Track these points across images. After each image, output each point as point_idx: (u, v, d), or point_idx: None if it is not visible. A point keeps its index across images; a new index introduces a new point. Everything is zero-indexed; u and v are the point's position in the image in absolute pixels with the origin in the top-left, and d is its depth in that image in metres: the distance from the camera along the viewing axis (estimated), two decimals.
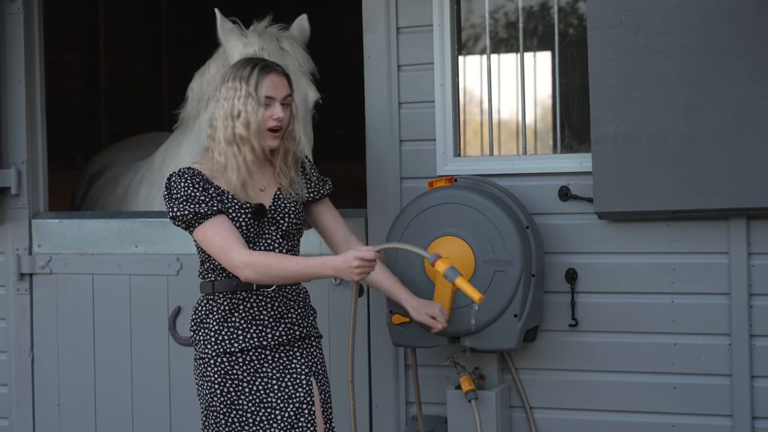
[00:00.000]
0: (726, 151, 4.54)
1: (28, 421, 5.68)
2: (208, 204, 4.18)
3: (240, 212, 4.22)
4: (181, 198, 4.20)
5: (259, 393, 4.22)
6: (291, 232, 4.35)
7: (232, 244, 4.16)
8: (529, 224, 4.73)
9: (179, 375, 5.39)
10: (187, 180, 4.22)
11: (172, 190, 4.24)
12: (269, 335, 4.26)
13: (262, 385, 4.23)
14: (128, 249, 5.50)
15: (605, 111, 4.68)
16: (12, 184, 5.63)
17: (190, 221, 4.19)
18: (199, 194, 4.19)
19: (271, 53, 4.96)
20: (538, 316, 4.81)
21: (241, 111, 4.22)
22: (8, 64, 5.66)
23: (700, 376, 4.74)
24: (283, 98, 4.27)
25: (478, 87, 5.16)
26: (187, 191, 4.20)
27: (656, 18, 4.62)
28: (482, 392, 4.79)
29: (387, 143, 5.10)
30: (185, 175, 4.24)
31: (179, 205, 4.20)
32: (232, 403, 4.20)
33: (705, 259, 4.72)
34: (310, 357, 4.34)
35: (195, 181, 4.22)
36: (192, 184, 4.21)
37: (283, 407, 4.22)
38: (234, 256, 4.14)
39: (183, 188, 4.21)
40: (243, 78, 4.24)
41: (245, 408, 4.20)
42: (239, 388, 4.21)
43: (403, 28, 5.10)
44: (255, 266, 4.12)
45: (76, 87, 9.30)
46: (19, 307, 5.67)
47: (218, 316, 4.24)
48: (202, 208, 4.18)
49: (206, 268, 4.31)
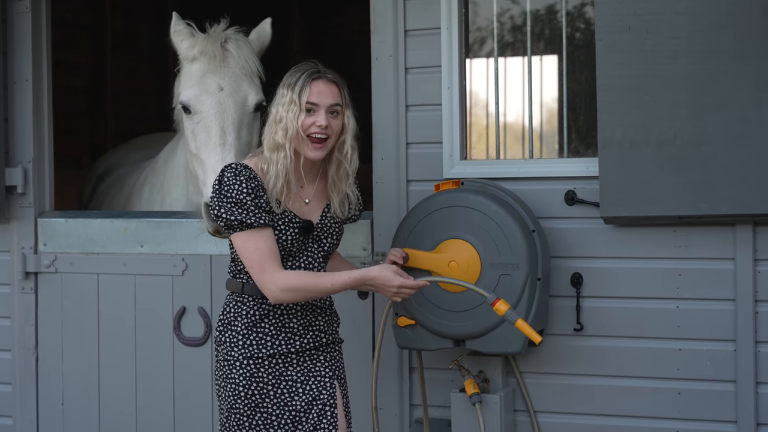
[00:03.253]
0: (733, 156, 4.54)
1: (32, 420, 5.68)
2: (256, 215, 4.11)
3: (288, 225, 4.20)
4: (231, 200, 4.12)
5: (283, 396, 4.23)
6: (330, 252, 4.37)
7: (271, 264, 4.12)
8: (536, 228, 4.73)
9: (183, 375, 5.40)
10: (242, 182, 4.13)
11: (223, 187, 4.15)
12: (297, 342, 4.27)
13: (286, 389, 4.24)
14: (134, 249, 5.50)
15: (612, 115, 4.68)
16: (18, 183, 5.63)
17: (234, 227, 4.14)
18: (250, 202, 4.11)
19: (215, 54, 4.96)
20: (544, 320, 4.80)
21: (283, 117, 4.19)
22: (15, 63, 5.66)
23: (704, 381, 4.73)
24: (330, 106, 4.22)
25: (485, 90, 5.16)
26: (239, 195, 4.12)
27: (664, 23, 4.61)
28: (486, 396, 4.78)
29: (393, 146, 5.10)
30: (241, 175, 4.14)
31: (228, 207, 4.12)
32: (256, 405, 4.21)
33: (711, 265, 4.71)
34: (333, 361, 4.36)
35: (249, 186, 4.13)
36: (246, 188, 4.12)
37: (307, 410, 4.24)
38: (269, 278, 4.11)
39: (236, 190, 4.12)
40: (290, 84, 4.22)
41: (270, 411, 4.21)
42: (264, 391, 4.21)
43: (411, 31, 5.10)
44: (292, 290, 4.10)
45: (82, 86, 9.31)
46: (24, 306, 5.67)
47: (247, 321, 4.23)
48: (249, 218, 4.10)
49: (239, 268, 4.27)
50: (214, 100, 4.88)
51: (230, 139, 4.80)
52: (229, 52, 4.98)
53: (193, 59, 5.00)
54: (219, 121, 4.84)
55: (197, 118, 4.88)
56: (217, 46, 4.98)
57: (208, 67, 4.95)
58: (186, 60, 5.05)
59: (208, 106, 4.87)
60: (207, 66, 4.95)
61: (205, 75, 4.94)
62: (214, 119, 4.85)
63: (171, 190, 5.55)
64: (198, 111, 4.88)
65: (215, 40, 5.00)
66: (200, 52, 4.98)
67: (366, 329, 5.12)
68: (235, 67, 4.96)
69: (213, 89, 4.90)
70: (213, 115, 4.86)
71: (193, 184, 5.20)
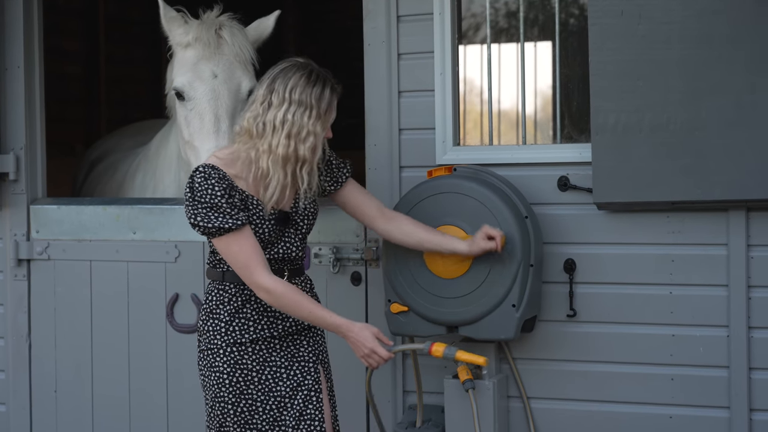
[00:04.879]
0: (726, 142, 4.53)
1: (25, 407, 5.68)
2: (233, 218, 4.08)
3: (263, 220, 4.19)
4: (206, 205, 4.07)
5: (268, 382, 4.23)
6: (308, 233, 4.37)
7: (256, 263, 4.10)
8: (528, 214, 4.72)
9: (177, 362, 5.39)
10: (213, 185, 4.08)
11: (195, 194, 4.09)
12: (279, 326, 4.26)
13: (271, 374, 4.24)
14: (126, 235, 5.49)
15: (605, 101, 4.67)
16: (10, 170, 5.62)
17: (213, 233, 4.11)
18: (225, 204, 4.08)
19: (209, 41, 4.95)
20: (537, 306, 4.80)
21: (310, 134, 4.11)
22: (7, 50, 5.64)
23: (697, 367, 4.73)
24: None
25: (479, 76, 5.15)
26: (213, 199, 4.07)
27: (657, 8, 4.60)
28: (480, 382, 4.78)
29: (386, 132, 5.09)
30: (211, 178, 4.09)
31: (204, 214, 4.08)
32: (241, 392, 4.21)
33: (704, 251, 4.71)
34: (316, 345, 4.37)
35: (221, 186, 4.09)
36: (218, 190, 4.08)
37: (292, 395, 4.24)
38: (257, 279, 4.09)
39: (209, 194, 4.08)
40: (314, 96, 4.13)
41: (254, 397, 4.21)
42: (248, 377, 4.21)
43: (404, 17, 5.08)
44: (274, 296, 4.10)
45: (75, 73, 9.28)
46: (17, 293, 5.66)
47: (230, 308, 4.22)
48: (227, 223, 4.07)
49: (218, 258, 4.26)
50: (208, 87, 4.87)
51: (224, 126, 4.80)
52: (224, 39, 4.98)
53: (187, 45, 5.00)
54: (213, 108, 4.84)
55: (191, 105, 4.87)
56: (211, 32, 4.97)
57: (203, 53, 4.94)
58: (179, 46, 5.04)
59: (201, 92, 4.87)
60: (201, 53, 4.95)
61: (199, 62, 4.93)
62: (208, 106, 4.84)
63: (164, 177, 5.55)
64: (192, 98, 4.88)
65: (210, 27, 4.99)
66: (194, 39, 4.97)
67: (359, 316, 5.11)
68: (229, 54, 4.96)
69: (207, 76, 4.89)
70: (207, 102, 4.85)
71: (185, 170, 5.19)
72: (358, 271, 5.13)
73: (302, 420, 4.24)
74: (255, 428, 4.22)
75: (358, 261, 5.11)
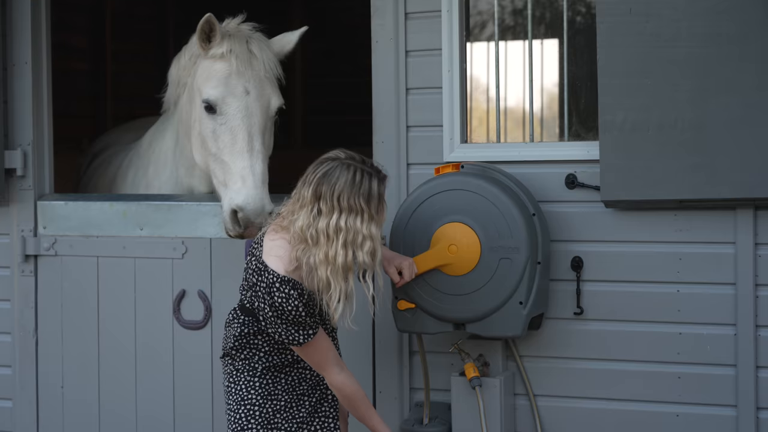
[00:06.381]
0: (734, 140, 4.53)
1: (32, 402, 5.68)
2: (314, 328, 4.12)
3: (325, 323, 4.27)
4: (291, 321, 4.07)
5: (293, 382, 4.32)
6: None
7: (329, 361, 4.18)
8: (536, 212, 4.72)
9: (183, 358, 5.40)
10: (296, 300, 4.05)
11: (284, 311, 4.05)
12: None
13: (297, 375, 4.31)
14: (133, 232, 5.49)
15: (613, 99, 4.67)
16: (18, 166, 5.62)
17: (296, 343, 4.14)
18: (307, 317, 4.09)
19: (239, 56, 4.95)
20: (544, 304, 4.80)
21: (366, 238, 4.02)
22: (15, 46, 5.65)
23: (704, 365, 4.73)
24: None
25: (486, 74, 5.15)
26: (298, 317, 4.06)
27: (665, 6, 4.60)
28: (486, 379, 4.78)
29: (394, 129, 5.09)
30: (292, 294, 4.04)
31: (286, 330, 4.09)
32: (269, 393, 4.27)
33: (711, 249, 4.71)
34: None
35: (302, 302, 4.06)
36: (299, 305, 4.05)
37: (311, 393, 4.32)
38: (328, 375, 4.19)
39: (293, 311, 4.05)
40: (363, 198, 4.02)
41: (279, 396, 4.29)
42: (277, 378, 4.28)
43: (412, 14, 5.08)
44: (340, 392, 4.21)
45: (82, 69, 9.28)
46: (24, 289, 5.67)
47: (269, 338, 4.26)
48: (308, 336, 4.10)
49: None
50: (242, 104, 4.89)
51: (257, 145, 4.86)
52: (254, 54, 4.98)
53: (221, 57, 4.97)
54: (246, 125, 4.88)
55: (222, 120, 4.90)
56: (243, 46, 4.98)
57: (235, 68, 4.94)
58: (209, 57, 5.01)
59: (235, 108, 4.89)
60: (234, 67, 4.95)
61: (230, 76, 4.95)
62: (242, 123, 4.87)
63: (159, 174, 5.57)
64: (224, 113, 4.90)
65: (241, 40, 4.99)
66: (229, 51, 4.96)
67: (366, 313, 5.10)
68: (259, 69, 4.97)
69: (239, 92, 4.91)
70: (240, 119, 4.88)
71: (184, 167, 5.23)
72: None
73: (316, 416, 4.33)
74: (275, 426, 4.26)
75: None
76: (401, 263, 4.56)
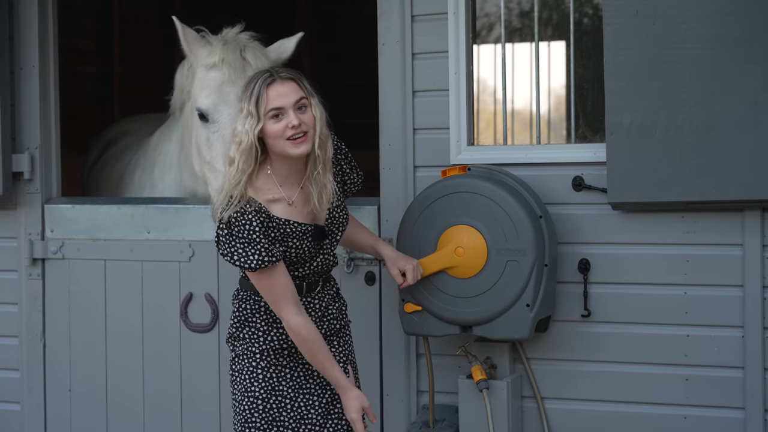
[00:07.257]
0: (741, 142, 4.52)
1: (40, 405, 5.69)
2: (270, 255, 4.13)
3: (302, 238, 4.23)
4: (244, 240, 4.11)
5: (299, 379, 4.30)
6: (340, 239, 4.42)
7: (286, 299, 4.17)
8: (543, 214, 4.72)
9: (190, 361, 5.40)
10: (250, 215, 4.12)
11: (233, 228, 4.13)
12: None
13: (302, 372, 4.31)
14: (140, 235, 5.50)
15: (620, 101, 4.66)
16: (25, 169, 5.63)
17: (249, 269, 4.15)
18: (263, 239, 4.12)
19: (231, 64, 4.96)
20: (551, 306, 4.79)
21: (238, 131, 4.17)
22: (22, 49, 5.65)
23: (712, 368, 4.72)
24: (295, 103, 4.18)
25: (492, 76, 5.15)
26: (251, 234, 4.11)
27: (672, 8, 4.59)
28: (494, 382, 4.78)
29: (400, 131, 5.09)
30: (247, 209, 4.12)
31: (242, 251, 4.12)
32: (272, 388, 4.26)
33: (719, 251, 4.70)
34: (345, 346, 4.44)
35: (258, 220, 4.12)
36: (254, 219, 4.12)
37: (320, 393, 4.32)
38: (284, 316, 4.17)
39: (246, 230, 4.12)
40: (246, 97, 4.19)
41: (284, 393, 4.28)
42: (282, 374, 4.28)
43: (418, 16, 5.08)
44: (297, 336, 4.18)
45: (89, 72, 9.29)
46: (32, 292, 5.68)
47: (266, 317, 4.28)
48: (263, 261, 4.11)
49: None
50: (234, 112, 4.88)
51: None
52: (247, 62, 4.99)
53: (212, 66, 4.99)
54: None
55: (214, 128, 4.92)
56: (237, 54, 4.99)
57: (228, 76, 4.95)
58: (203, 66, 5.03)
59: (227, 117, 4.90)
60: (227, 75, 4.96)
61: (224, 84, 4.96)
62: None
63: (164, 176, 5.59)
64: (216, 121, 4.92)
65: (234, 48, 5.00)
66: (221, 60, 4.97)
67: (373, 315, 5.12)
68: None
69: (232, 100, 4.91)
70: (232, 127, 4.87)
71: (187, 172, 5.24)
72: (371, 271, 5.13)
73: (329, 419, 4.33)
74: (282, 424, 4.27)
75: (371, 261, 5.11)
76: (405, 265, 4.57)
